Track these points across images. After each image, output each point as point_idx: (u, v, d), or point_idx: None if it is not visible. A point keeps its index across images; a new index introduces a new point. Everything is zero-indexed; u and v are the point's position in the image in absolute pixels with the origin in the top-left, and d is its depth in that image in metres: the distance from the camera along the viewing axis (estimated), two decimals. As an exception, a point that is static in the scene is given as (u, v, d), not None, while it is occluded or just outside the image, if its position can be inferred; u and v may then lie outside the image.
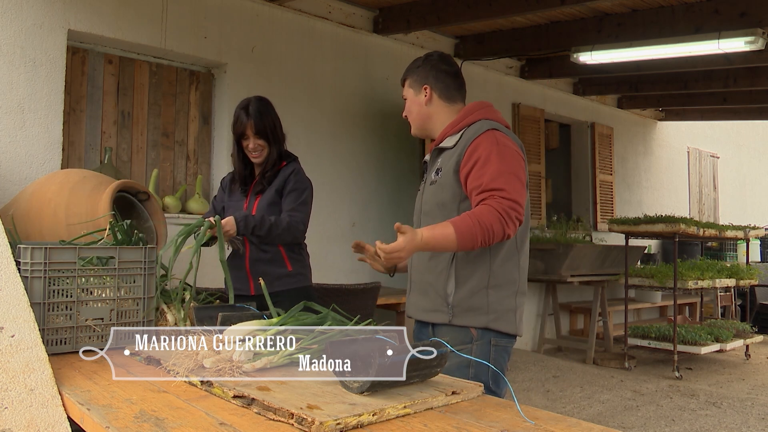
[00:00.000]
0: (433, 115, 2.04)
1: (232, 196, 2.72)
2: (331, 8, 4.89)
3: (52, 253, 1.81)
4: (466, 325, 1.86)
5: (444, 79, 2.04)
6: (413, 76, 2.06)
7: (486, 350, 1.85)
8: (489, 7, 4.59)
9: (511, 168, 1.83)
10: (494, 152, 1.82)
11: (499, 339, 1.88)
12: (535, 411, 1.34)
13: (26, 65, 3.43)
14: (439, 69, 2.04)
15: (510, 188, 1.79)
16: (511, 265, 1.92)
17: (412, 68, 2.08)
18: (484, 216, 1.74)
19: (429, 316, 1.93)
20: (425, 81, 2.03)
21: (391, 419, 1.25)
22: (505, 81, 6.42)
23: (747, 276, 6.29)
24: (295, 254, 2.63)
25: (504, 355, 1.91)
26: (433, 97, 2.03)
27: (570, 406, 4.49)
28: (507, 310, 1.89)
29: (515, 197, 1.78)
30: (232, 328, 1.63)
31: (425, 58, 2.07)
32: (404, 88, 2.10)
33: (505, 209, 1.75)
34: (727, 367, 6.06)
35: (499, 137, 1.87)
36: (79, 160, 3.78)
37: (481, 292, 1.86)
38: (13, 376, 1.47)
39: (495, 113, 2.01)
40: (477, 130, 1.90)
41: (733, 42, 4.48)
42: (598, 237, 7.13)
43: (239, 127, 2.59)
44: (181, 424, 1.22)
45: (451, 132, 1.98)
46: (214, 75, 4.41)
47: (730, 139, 10.28)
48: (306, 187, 2.64)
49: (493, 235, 1.74)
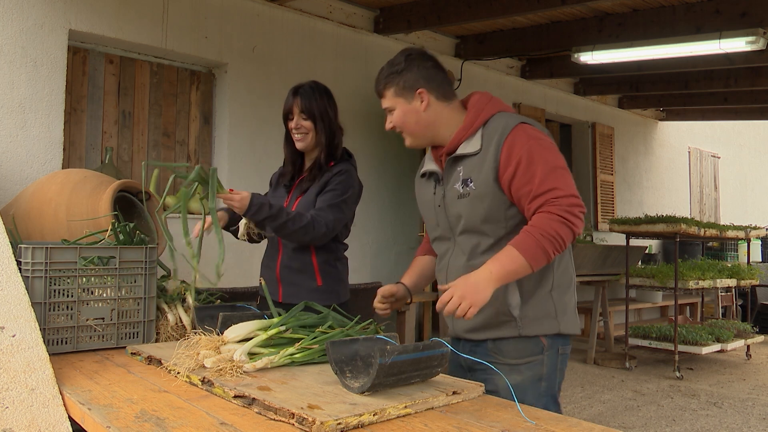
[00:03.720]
0: (434, 120, 1.81)
1: (276, 191, 2.52)
2: (332, 8, 4.89)
3: (53, 253, 1.81)
4: (537, 335, 1.72)
5: (435, 77, 1.81)
6: (398, 82, 1.80)
7: (554, 360, 1.75)
8: (490, 6, 4.60)
9: (555, 161, 1.67)
10: (534, 149, 1.66)
11: (565, 346, 1.78)
12: (535, 411, 1.34)
13: (27, 65, 3.43)
14: (427, 67, 1.81)
15: (561, 183, 1.64)
16: (567, 263, 1.80)
17: (392, 74, 1.81)
18: (546, 225, 1.59)
19: (491, 333, 1.74)
20: (417, 84, 1.78)
21: (392, 419, 1.25)
22: (506, 81, 6.42)
23: (748, 276, 6.28)
24: (329, 266, 2.37)
25: (566, 362, 1.81)
26: (430, 100, 1.79)
27: (571, 406, 4.49)
28: (571, 309, 1.77)
29: (570, 191, 1.64)
30: (233, 328, 1.63)
31: (405, 58, 1.81)
32: (385, 98, 1.83)
33: (565, 209, 1.61)
34: (728, 367, 6.05)
35: (529, 131, 1.71)
36: (79, 160, 3.78)
37: (546, 297, 1.73)
38: (14, 375, 1.47)
39: (503, 104, 1.85)
40: (502, 128, 1.71)
41: (734, 42, 4.48)
42: (598, 237, 7.13)
43: (286, 106, 2.39)
44: (181, 423, 1.22)
45: (466, 135, 1.76)
46: (215, 75, 4.41)
47: (731, 139, 10.28)
48: (348, 189, 2.35)
49: (564, 241, 1.61)
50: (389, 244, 5.31)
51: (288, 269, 2.36)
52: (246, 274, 3.95)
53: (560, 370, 1.77)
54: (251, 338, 1.62)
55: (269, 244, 2.48)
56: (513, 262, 1.58)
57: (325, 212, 2.27)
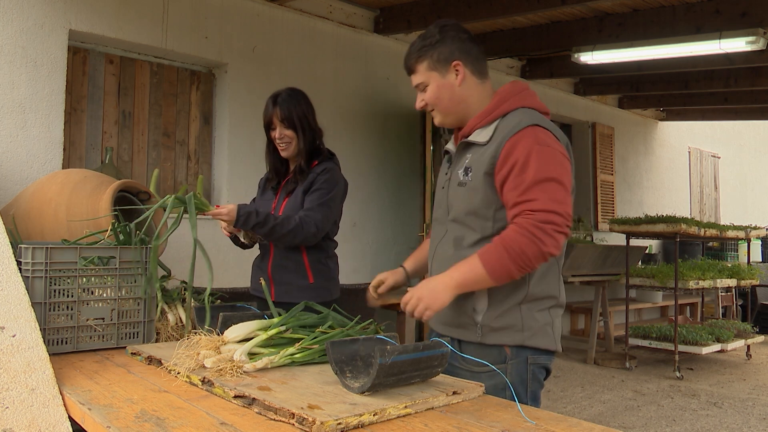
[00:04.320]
0: (467, 97, 1.71)
1: (264, 195, 2.55)
2: (332, 8, 4.89)
3: (53, 253, 1.81)
4: (499, 344, 1.63)
5: (471, 51, 1.70)
6: (433, 54, 1.68)
7: (523, 369, 1.64)
8: (490, 6, 4.60)
9: (551, 172, 1.55)
10: (533, 155, 1.56)
11: (538, 356, 1.65)
12: (535, 411, 1.34)
13: (27, 65, 3.43)
14: (463, 39, 1.70)
15: (544, 197, 1.53)
16: (551, 278, 1.68)
17: (426, 47, 1.69)
18: (512, 240, 1.52)
19: (454, 331, 1.70)
20: (452, 56, 1.67)
21: (392, 419, 1.25)
22: (506, 81, 6.39)
23: (748, 276, 6.29)
24: (320, 264, 2.42)
25: (543, 372, 1.69)
26: (466, 75, 1.69)
27: (571, 406, 4.49)
28: (543, 325, 1.65)
29: (551, 206, 1.52)
30: (233, 328, 1.63)
31: (440, 30, 1.69)
32: (417, 73, 1.72)
33: (536, 225, 1.51)
34: (728, 367, 6.05)
35: (540, 135, 1.59)
36: (80, 160, 3.78)
37: (514, 309, 1.63)
38: (14, 375, 1.47)
39: (533, 99, 1.72)
40: (515, 125, 1.62)
41: (734, 42, 4.48)
42: (598, 237, 7.13)
43: (266, 116, 2.42)
44: (182, 423, 1.22)
45: (482, 123, 1.68)
46: (215, 75, 4.41)
47: (731, 139, 10.28)
48: (333, 186, 2.40)
49: (529, 259, 1.51)
50: (389, 244, 5.31)
51: (279, 268, 2.41)
52: (245, 274, 3.90)
53: (531, 379, 1.65)
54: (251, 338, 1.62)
55: (261, 245, 2.52)
56: (473, 273, 1.55)
57: (313, 212, 2.32)
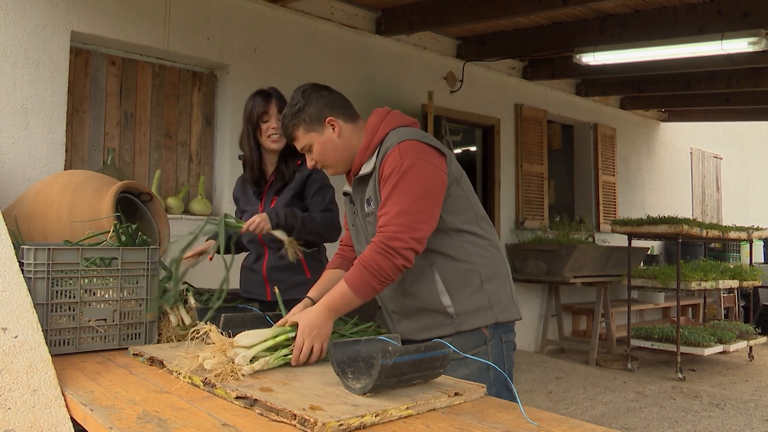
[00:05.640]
0: (348, 143, 1.83)
1: (246, 200, 2.58)
2: (334, 9, 4.89)
3: (55, 254, 1.82)
4: (476, 327, 1.77)
5: (335, 101, 1.84)
6: (304, 118, 1.81)
7: (499, 349, 1.79)
8: (491, 7, 4.60)
9: (406, 182, 1.66)
10: (395, 170, 1.68)
11: (507, 333, 1.82)
12: (537, 412, 1.33)
13: (29, 67, 3.44)
14: (324, 95, 1.84)
15: (395, 210, 1.65)
16: (493, 252, 1.83)
17: (297, 113, 1.81)
18: (370, 258, 1.64)
19: (432, 332, 1.78)
20: (323, 114, 1.81)
21: (394, 420, 1.25)
22: (508, 82, 6.42)
23: (750, 277, 6.28)
24: (315, 261, 2.49)
25: (512, 349, 1.85)
26: (340, 125, 1.82)
27: (573, 407, 4.48)
28: (506, 298, 1.82)
29: (399, 219, 1.63)
30: (246, 333, 1.62)
31: (302, 94, 1.82)
32: (298, 139, 1.84)
33: (385, 243, 1.63)
34: (731, 368, 6.04)
35: (403, 148, 1.70)
36: (82, 161, 3.79)
37: (479, 290, 1.77)
38: (17, 376, 1.47)
39: (397, 118, 1.85)
40: (386, 148, 1.74)
41: (737, 43, 4.48)
42: (600, 238, 7.12)
43: (260, 107, 2.45)
44: (183, 424, 1.22)
45: (366, 157, 1.81)
46: (217, 76, 4.41)
47: (733, 140, 10.26)
48: (331, 186, 2.49)
49: (386, 273, 1.63)
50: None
51: (276, 269, 2.45)
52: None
53: (507, 357, 1.81)
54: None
55: (251, 247, 2.55)
56: (343, 297, 1.66)
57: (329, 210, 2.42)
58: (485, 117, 6.21)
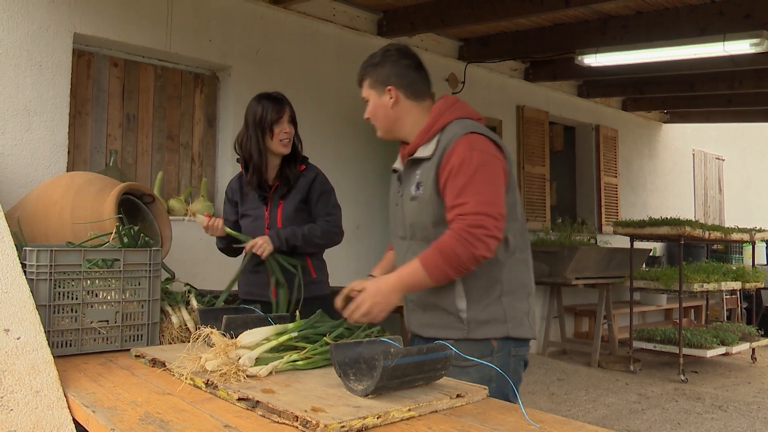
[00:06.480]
0: (401, 117, 1.85)
1: (248, 203, 2.59)
2: (335, 11, 4.90)
3: (57, 256, 1.82)
4: (486, 337, 1.74)
5: (408, 75, 1.84)
6: (372, 75, 1.85)
7: (506, 362, 1.75)
8: (493, 9, 4.60)
9: (481, 175, 1.66)
10: (466, 160, 1.67)
11: (519, 348, 1.79)
12: (539, 414, 1.33)
13: (32, 68, 3.44)
14: (401, 65, 1.84)
15: (475, 200, 1.63)
16: (522, 268, 1.81)
17: (369, 66, 1.86)
18: (447, 244, 1.63)
19: (441, 332, 1.78)
20: (388, 81, 1.83)
21: (396, 422, 1.25)
22: (509, 83, 6.42)
23: (753, 279, 6.26)
24: (318, 261, 2.59)
25: (522, 364, 1.82)
26: (399, 98, 1.83)
27: (575, 409, 4.48)
28: (522, 315, 1.78)
29: (481, 209, 1.63)
30: (248, 332, 1.63)
31: (383, 53, 1.85)
32: (362, 88, 1.89)
33: (466, 230, 1.61)
34: (733, 370, 6.03)
35: (474, 141, 1.71)
36: (84, 163, 3.79)
37: (496, 302, 1.74)
38: (19, 378, 1.47)
39: (465, 109, 1.85)
40: (452, 136, 1.74)
41: (739, 44, 4.47)
42: (602, 239, 7.11)
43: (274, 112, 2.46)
44: (185, 426, 1.22)
45: (424, 140, 1.80)
46: (219, 78, 4.42)
47: (736, 142, 10.25)
48: (332, 189, 2.60)
49: (462, 262, 1.62)
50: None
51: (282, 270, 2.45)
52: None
53: (513, 371, 1.77)
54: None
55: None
56: (415, 275, 1.67)
57: (332, 215, 2.53)
58: (487, 118, 6.16)
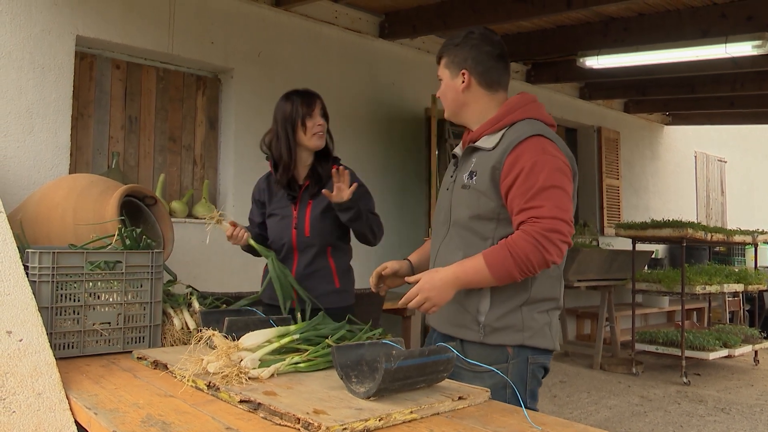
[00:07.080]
0: (470, 103, 1.82)
1: (276, 202, 2.46)
2: (338, 13, 4.90)
3: (59, 258, 1.82)
4: (501, 344, 1.69)
5: (485, 63, 1.80)
6: (450, 55, 1.82)
7: (523, 369, 1.70)
8: (495, 11, 4.60)
9: (555, 181, 1.62)
10: (539, 163, 1.62)
11: (537, 355, 1.72)
12: (542, 416, 1.33)
13: (35, 71, 3.45)
14: (481, 50, 1.79)
15: (550, 204, 1.59)
16: (553, 281, 1.74)
17: (449, 46, 1.83)
18: (518, 245, 1.57)
19: (457, 331, 1.75)
20: (463, 64, 1.79)
21: (398, 424, 1.25)
22: (511, 85, 6.30)
23: (755, 281, 6.25)
24: (344, 268, 2.46)
25: (542, 371, 1.76)
26: (471, 83, 1.80)
27: (577, 411, 4.47)
28: (542, 326, 1.72)
29: (557, 214, 1.59)
30: (250, 334, 1.63)
31: (466, 35, 1.81)
32: (439, 66, 1.86)
33: (542, 233, 1.57)
34: (736, 372, 6.01)
35: (545, 145, 1.67)
36: (86, 165, 3.80)
37: (515, 310, 1.69)
38: (21, 380, 1.48)
39: (540, 111, 1.81)
40: (520, 134, 1.69)
41: (741, 46, 4.47)
42: (604, 241, 7.10)
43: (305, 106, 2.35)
44: (187, 428, 1.22)
45: (490, 130, 1.76)
46: (221, 80, 4.43)
47: (738, 143, 10.23)
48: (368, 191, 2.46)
49: (531, 266, 1.58)
50: (395, 248, 5.30)
51: (305, 276, 2.37)
52: (251, 278, 3.95)
53: (531, 379, 1.72)
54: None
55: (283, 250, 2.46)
56: (477, 273, 1.61)
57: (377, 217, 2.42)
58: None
